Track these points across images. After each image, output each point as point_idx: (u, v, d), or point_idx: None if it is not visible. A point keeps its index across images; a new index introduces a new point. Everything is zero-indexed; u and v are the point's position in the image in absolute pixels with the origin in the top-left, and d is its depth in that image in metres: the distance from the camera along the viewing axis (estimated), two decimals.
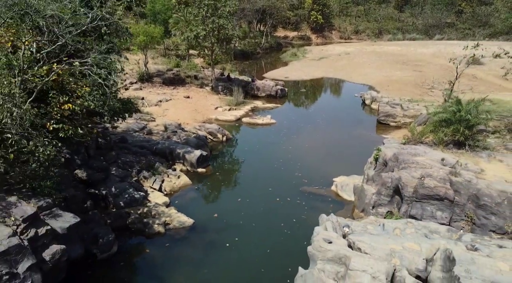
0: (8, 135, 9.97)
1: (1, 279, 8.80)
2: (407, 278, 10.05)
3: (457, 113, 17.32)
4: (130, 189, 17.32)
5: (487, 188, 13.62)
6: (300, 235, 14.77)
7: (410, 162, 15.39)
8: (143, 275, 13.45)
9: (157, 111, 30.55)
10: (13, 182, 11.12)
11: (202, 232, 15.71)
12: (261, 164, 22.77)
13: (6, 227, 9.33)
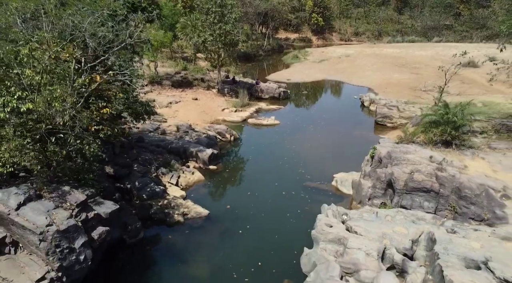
0: (61, 135, 11.95)
1: (62, 252, 10.78)
2: (395, 255, 12.01)
3: (444, 116, 19.27)
4: (151, 183, 19.30)
5: (468, 181, 15.58)
6: (304, 223, 16.68)
7: (401, 159, 17.35)
8: (167, 257, 15.40)
9: (168, 113, 32.51)
10: (60, 175, 13.06)
11: (216, 221, 17.68)
12: (267, 161, 24.73)
13: (64, 210, 11.30)
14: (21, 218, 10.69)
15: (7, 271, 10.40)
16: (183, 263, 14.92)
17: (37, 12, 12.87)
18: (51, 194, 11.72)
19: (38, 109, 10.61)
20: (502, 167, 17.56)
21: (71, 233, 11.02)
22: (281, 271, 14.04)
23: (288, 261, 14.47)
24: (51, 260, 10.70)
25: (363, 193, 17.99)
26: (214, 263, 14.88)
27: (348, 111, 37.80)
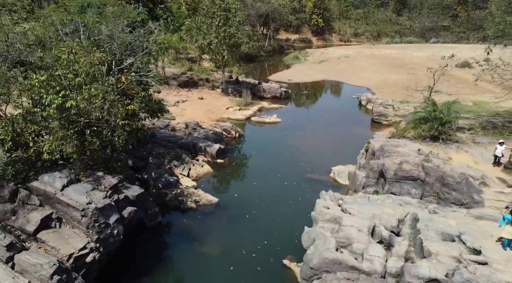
0: (95, 128, 13.90)
1: (100, 226, 12.71)
2: (383, 231, 13.94)
3: (432, 113, 21.22)
4: (165, 174, 21.24)
5: (451, 171, 17.52)
6: (304, 209, 18.52)
7: (392, 152, 19.30)
8: (183, 238, 17.32)
9: (175, 111, 34.42)
10: (92, 163, 14.98)
11: (226, 207, 19.63)
12: (270, 155, 26.65)
13: (100, 192, 13.24)
14: (65, 197, 12.62)
15: (55, 241, 12.31)
16: (197, 242, 16.85)
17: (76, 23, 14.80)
18: (87, 178, 13.67)
19: (79, 105, 12.53)
20: (483, 158, 19.52)
21: (107, 210, 12.96)
22: (285, 248, 15.98)
23: (291, 240, 16.38)
24: (90, 233, 12.64)
25: (357, 182, 19.92)
26: (224, 243, 16.82)
27: (346, 110, 39.73)
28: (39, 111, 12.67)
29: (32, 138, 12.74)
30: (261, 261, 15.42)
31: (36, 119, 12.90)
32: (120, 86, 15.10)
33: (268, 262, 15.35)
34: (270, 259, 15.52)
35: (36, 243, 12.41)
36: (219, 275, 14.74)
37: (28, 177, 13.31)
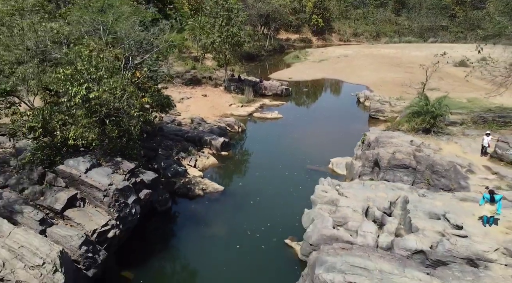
0: (113, 118, 15.28)
1: (120, 205, 14.09)
2: (376, 212, 15.30)
3: (425, 107, 22.59)
4: (174, 164, 22.63)
5: (440, 159, 18.91)
6: (304, 195, 19.77)
7: (386, 143, 20.68)
8: (191, 221, 18.71)
9: (181, 108, 35.75)
10: (109, 151, 16.35)
11: (231, 195, 21.03)
12: (271, 149, 28.04)
13: (119, 175, 14.62)
14: (89, 179, 14.01)
15: (80, 218, 13.69)
16: (205, 225, 18.25)
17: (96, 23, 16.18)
18: (107, 163, 15.06)
19: (102, 96, 13.91)
20: (471, 149, 20.91)
21: (126, 191, 14.35)
22: (286, 229, 17.36)
23: (292, 223, 17.73)
24: (111, 212, 14.02)
25: (354, 171, 21.30)
26: (230, 225, 18.22)
27: (345, 107, 41.13)
28: (65, 102, 14.05)
29: (59, 126, 14.12)
30: (265, 240, 16.81)
31: (62, 109, 14.28)
32: (135, 81, 16.47)
33: (271, 242, 16.75)
34: (273, 239, 16.91)
35: (63, 220, 13.80)
36: (226, 253, 16.12)
37: (54, 162, 14.69)
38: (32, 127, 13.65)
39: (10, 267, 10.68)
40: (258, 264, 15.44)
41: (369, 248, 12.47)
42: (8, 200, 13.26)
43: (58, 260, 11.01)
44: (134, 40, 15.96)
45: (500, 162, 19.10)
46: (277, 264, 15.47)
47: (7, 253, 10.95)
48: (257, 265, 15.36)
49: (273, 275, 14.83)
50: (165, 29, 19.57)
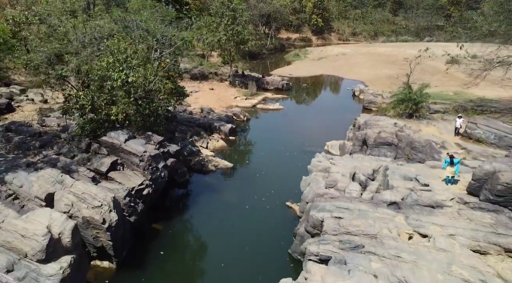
0: (145, 99, 18.57)
1: (152, 169, 17.39)
2: (361, 176, 18.57)
3: (408, 95, 25.87)
4: (189, 145, 25.91)
5: (418, 138, 22.19)
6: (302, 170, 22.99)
7: (374, 124, 23.96)
8: (206, 191, 21.97)
9: (190, 100, 38.97)
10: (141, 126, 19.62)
11: (239, 170, 24.35)
12: (273, 134, 31.34)
13: (151, 145, 17.91)
14: (128, 147, 17.31)
15: (121, 179, 16.95)
16: (218, 192, 21.56)
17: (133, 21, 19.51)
18: (140, 136, 18.36)
19: (138, 80, 17.20)
20: (446, 130, 24.20)
21: (157, 158, 17.65)
22: (287, 195, 20.65)
23: (292, 190, 20.99)
24: (146, 174, 17.31)
25: (346, 150, 24.59)
26: (240, 193, 21.51)
27: (341, 100, 44.44)
28: (108, 84, 17.34)
29: (103, 105, 17.40)
30: (269, 203, 20.12)
31: (105, 90, 17.57)
32: (161, 69, 19.78)
33: (275, 204, 20.05)
34: (276, 202, 20.22)
35: (107, 180, 17.08)
36: (237, 212, 19.42)
37: (98, 134, 17.98)
38: (83, 105, 16.94)
39: (77, 207, 13.98)
40: (263, 220, 18.73)
41: (352, 198, 15.75)
42: (65, 163, 16.57)
43: (112, 203, 14.30)
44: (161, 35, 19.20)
45: (469, 139, 22.39)
46: (280, 219, 18.79)
47: (73, 197, 14.23)
48: (263, 221, 18.65)
49: (276, 227, 18.13)
50: (187, 26, 22.82)
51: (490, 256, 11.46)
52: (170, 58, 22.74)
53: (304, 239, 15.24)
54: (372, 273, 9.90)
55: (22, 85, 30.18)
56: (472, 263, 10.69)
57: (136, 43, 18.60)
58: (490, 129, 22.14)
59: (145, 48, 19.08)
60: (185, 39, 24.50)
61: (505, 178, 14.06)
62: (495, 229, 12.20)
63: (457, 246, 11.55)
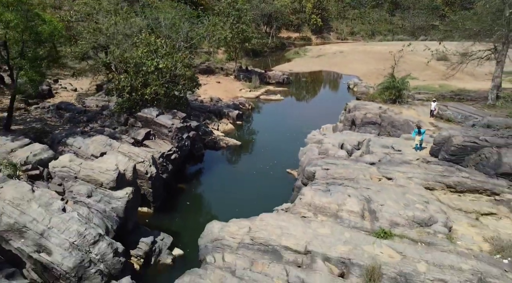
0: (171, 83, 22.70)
1: (178, 139, 21.51)
2: (348, 146, 22.70)
3: (392, 83, 29.99)
4: (202, 126, 30.03)
5: (398, 118, 26.32)
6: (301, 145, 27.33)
7: (361, 108, 28.08)
8: (219, 163, 26.10)
9: (199, 91, 42.76)
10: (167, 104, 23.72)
11: (247, 146, 28.51)
12: (275, 120, 35.48)
13: (177, 119, 22.05)
14: (159, 120, 21.43)
15: (154, 146, 21.05)
16: (229, 163, 25.75)
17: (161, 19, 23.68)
18: (168, 113, 22.50)
19: (168, 66, 21.31)
20: (423, 113, 28.31)
21: (182, 130, 21.78)
22: (287, 164, 24.77)
23: (291, 161, 25.10)
24: (173, 142, 21.44)
25: (338, 130, 28.71)
26: (247, 163, 25.66)
27: (337, 92, 48.59)
28: (143, 70, 21.46)
29: (140, 86, 21.52)
30: (272, 170, 24.26)
31: (140, 75, 21.69)
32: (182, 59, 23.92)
33: (277, 170, 24.20)
34: (278, 169, 24.36)
35: (143, 146, 21.22)
36: (246, 176, 23.56)
37: (133, 111, 22.10)
38: (124, 87, 21.06)
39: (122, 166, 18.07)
40: (268, 181, 22.87)
41: (339, 157, 19.87)
42: (110, 132, 20.71)
43: (151, 160, 18.42)
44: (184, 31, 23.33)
45: (440, 119, 26.51)
46: (281, 181, 22.94)
47: (122, 155, 18.34)
48: (268, 183, 22.77)
49: (278, 186, 22.26)
50: (208, 25, 26.94)
51: (436, 191, 15.55)
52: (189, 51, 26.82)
53: (300, 189, 19.36)
54: (347, 194, 13.97)
55: (55, 76, 34.34)
56: (421, 193, 14.80)
57: (164, 37, 22.70)
58: (458, 111, 26.29)
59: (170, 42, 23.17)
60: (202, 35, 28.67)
61: (457, 140, 18.20)
62: (441, 173, 16.32)
63: (412, 184, 15.67)
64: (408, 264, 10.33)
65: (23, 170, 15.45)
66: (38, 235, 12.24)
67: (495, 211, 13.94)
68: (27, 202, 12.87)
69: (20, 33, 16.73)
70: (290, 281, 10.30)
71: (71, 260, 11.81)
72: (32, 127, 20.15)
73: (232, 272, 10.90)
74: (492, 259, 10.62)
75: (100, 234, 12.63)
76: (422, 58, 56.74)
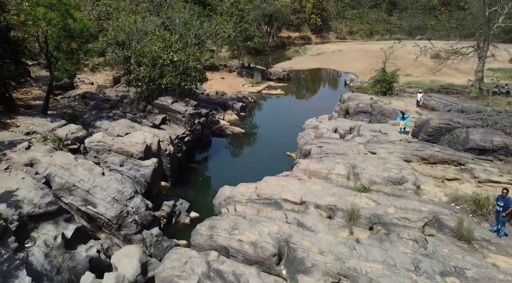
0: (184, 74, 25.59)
1: (191, 123, 24.40)
2: (341, 131, 25.58)
3: (382, 76, 32.87)
4: (210, 116, 32.93)
5: (387, 107, 29.19)
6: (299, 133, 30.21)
7: (354, 98, 30.97)
8: (226, 148, 29.02)
9: (205, 86, 45.94)
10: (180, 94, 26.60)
11: (250, 134, 31.46)
12: (277, 112, 38.37)
13: (189, 106, 24.93)
14: (173, 107, 24.32)
15: (169, 129, 23.94)
16: (234, 147, 28.65)
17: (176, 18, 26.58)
18: (181, 101, 25.40)
19: (181, 59, 24.18)
20: (411, 103, 31.16)
21: (194, 115, 24.67)
22: (287, 148, 27.65)
23: (291, 145, 27.98)
24: (186, 126, 24.32)
25: (333, 119, 31.58)
26: (251, 147, 28.59)
27: (334, 87, 51.44)
28: (159, 63, 24.34)
29: (157, 77, 24.39)
30: (274, 153, 27.17)
31: (156, 67, 24.57)
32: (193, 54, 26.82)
33: (278, 153, 27.11)
34: (279, 152, 27.25)
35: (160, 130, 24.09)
36: (251, 159, 26.44)
37: (150, 100, 24.97)
38: (143, 77, 23.95)
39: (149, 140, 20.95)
40: (270, 162, 25.74)
41: (331, 137, 22.76)
42: (131, 117, 23.60)
43: (169, 140, 21.30)
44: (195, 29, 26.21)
45: (426, 108, 29.34)
46: (281, 162, 25.78)
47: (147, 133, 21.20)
48: (270, 163, 25.64)
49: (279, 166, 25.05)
50: (217, 23, 29.81)
51: (412, 162, 18.42)
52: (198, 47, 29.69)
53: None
54: (336, 162, 16.84)
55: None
56: (399, 163, 17.68)
57: (177, 33, 25.59)
58: (441, 101, 29.18)
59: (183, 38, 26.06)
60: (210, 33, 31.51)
61: (434, 123, 21.13)
62: (418, 149, 19.20)
63: (392, 157, 18.55)
64: (380, 208, 13.22)
65: (64, 144, 18.33)
66: (85, 192, 15.13)
67: (459, 177, 16.81)
68: (74, 166, 15.77)
69: (58, 30, 19.62)
70: (289, 222, 13.17)
71: (113, 211, 14.70)
72: (64, 112, 23.03)
73: (243, 217, 13.77)
74: (447, 204, 13.51)
75: (135, 191, 15.54)
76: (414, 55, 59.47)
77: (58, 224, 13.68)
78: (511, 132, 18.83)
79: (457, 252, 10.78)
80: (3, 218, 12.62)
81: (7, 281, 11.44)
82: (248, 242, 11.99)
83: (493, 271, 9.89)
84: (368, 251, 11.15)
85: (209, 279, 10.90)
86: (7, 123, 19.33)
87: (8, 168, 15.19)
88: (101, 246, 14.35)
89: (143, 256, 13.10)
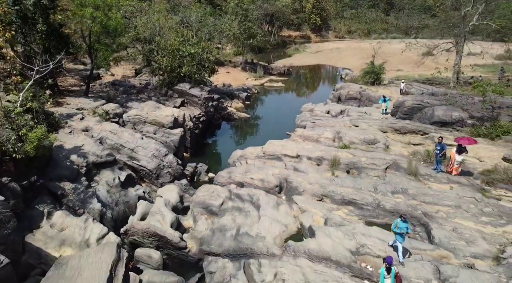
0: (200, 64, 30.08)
1: (205, 106, 28.87)
2: (333, 112, 30.02)
3: (371, 68, 37.33)
4: (219, 104, 37.43)
5: (374, 94, 33.66)
6: None
7: (346, 87, 35.45)
8: (234, 129, 33.50)
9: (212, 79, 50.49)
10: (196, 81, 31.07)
11: (255, 117, 35.97)
12: (278, 101, 42.84)
13: (204, 91, 29.40)
14: (191, 92, 28.80)
15: (187, 110, 28.41)
16: (241, 129, 33.12)
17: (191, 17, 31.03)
18: (197, 86, 29.88)
19: (197, 52, 28.63)
20: (395, 91, 35.60)
21: (208, 99, 29.16)
22: (287, 128, 32.03)
23: (290, 126, 32.38)
24: (201, 108, 28.81)
25: None
26: (256, 128, 33.08)
27: (330, 81, 55.88)
28: (179, 54, 28.80)
29: (177, 66, 28.84)
30: (276, 132, 31.46)
31: (176, 58, 29.03)
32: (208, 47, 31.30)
33: (279, 132, 31.43)
34: (279, 132, 31.69)
35: None
36: (255, 137, 30.94)
37: (170, 86, 29.43)
38: (165, 67, 28.42)
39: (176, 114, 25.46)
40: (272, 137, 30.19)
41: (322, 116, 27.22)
42: (156, 99, 28.12)
43: (189, 117, 25.78)
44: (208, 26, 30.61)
45: (407, 95, 33.78)
46: None
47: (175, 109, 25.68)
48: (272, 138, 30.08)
49: None
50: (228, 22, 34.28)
51: (387, 133, 22.87)
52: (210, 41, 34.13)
53: None
54: (325, 130, 21.30)
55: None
56: (376, 132, 22.14)
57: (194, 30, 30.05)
58: (421, 88, 33.65)
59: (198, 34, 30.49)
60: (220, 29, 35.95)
61: (408, 103, 25.61)
62: (392, 122, 23.65)
63: (371, 128, 23.02)
64: (355, 158, 17.69)
65: (107, 118, 22.82)
66: (130, 150, 19.63)
67: (422, 143, 21.28)
68: (120, 131, 20.29)
69: (99, 27, 24.11)
70: (287, 168, 17.66)
71: (153, 164, 19.20)
72: (100, 95, 27.52)
73: (253, 166, 18.27)
74: (406, 156, 17.98)
75: (168, 150, 20.05)
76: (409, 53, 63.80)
77: (114, 171, 18.19)
78: (467, 109, 23.29)
79: (405, 181, 15.27)
80: (76, 164, 17.14)
81: (84, 205, 15.94)
82: (257, 178, 16.50)
83: (427, 190, 14.37)
84: (343, 181, 15.65)
85: (230, 200, 15.41)
86: (60, 102, 23.85)
87: (71, 131, 19.70)
88: (145, 190, 18.85)
89: (180, 191, 17.60)
